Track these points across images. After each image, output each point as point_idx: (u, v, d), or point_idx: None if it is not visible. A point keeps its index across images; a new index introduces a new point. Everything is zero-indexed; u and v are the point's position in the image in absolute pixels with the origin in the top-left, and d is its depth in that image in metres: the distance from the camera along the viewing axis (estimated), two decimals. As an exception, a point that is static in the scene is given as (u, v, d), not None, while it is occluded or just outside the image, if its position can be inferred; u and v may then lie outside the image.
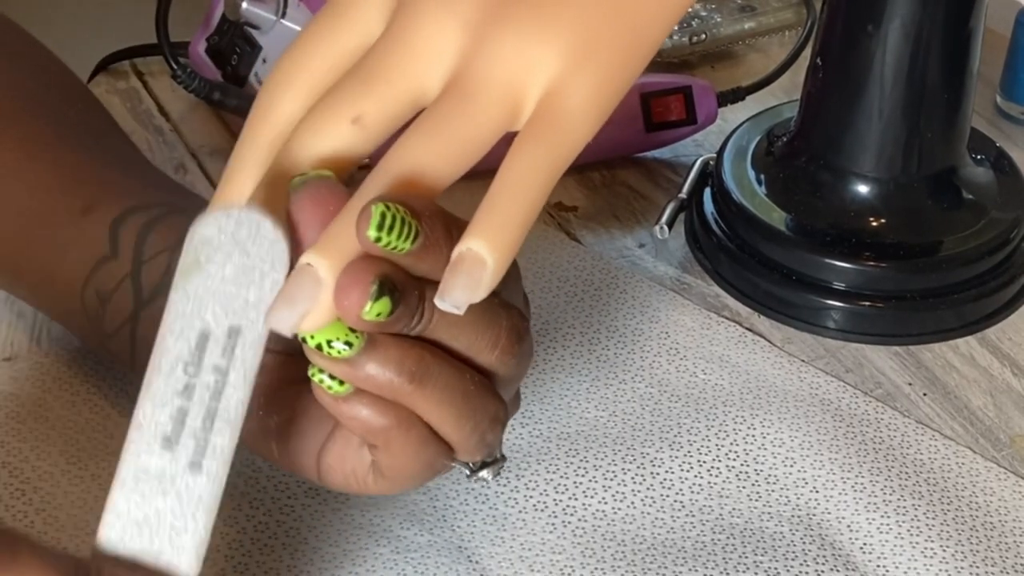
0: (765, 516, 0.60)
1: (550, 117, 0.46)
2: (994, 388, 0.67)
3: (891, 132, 0.70)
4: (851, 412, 0.64)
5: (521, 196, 0.45)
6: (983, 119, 0.83)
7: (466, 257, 0.44)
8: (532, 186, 0.45)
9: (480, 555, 0.57)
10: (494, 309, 0.48)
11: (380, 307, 0.44)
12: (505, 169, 0.45)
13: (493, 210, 0.45)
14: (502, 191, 0.45)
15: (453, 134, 0.46)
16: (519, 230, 0.45)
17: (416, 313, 0.46)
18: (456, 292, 0.44)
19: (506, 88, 0.46)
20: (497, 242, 0.44)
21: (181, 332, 0.44)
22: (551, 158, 0.46)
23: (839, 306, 0.69)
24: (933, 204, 0.72)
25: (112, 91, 0.85)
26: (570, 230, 0.75)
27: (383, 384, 0.47)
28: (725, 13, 0.89)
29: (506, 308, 0.49)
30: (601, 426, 0.63)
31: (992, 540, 0.59)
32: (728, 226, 0.73)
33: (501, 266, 0.45)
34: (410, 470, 0.50)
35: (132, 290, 0.58)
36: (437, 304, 0.45)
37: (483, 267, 0.44)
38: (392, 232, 0.44)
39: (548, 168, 0.46)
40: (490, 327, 0.48)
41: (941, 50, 0.69)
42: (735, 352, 0.67)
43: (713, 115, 0.80)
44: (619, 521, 0.59)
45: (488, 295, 0.45)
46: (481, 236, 0.44)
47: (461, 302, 0.44)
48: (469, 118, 0.46)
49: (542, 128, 0.46)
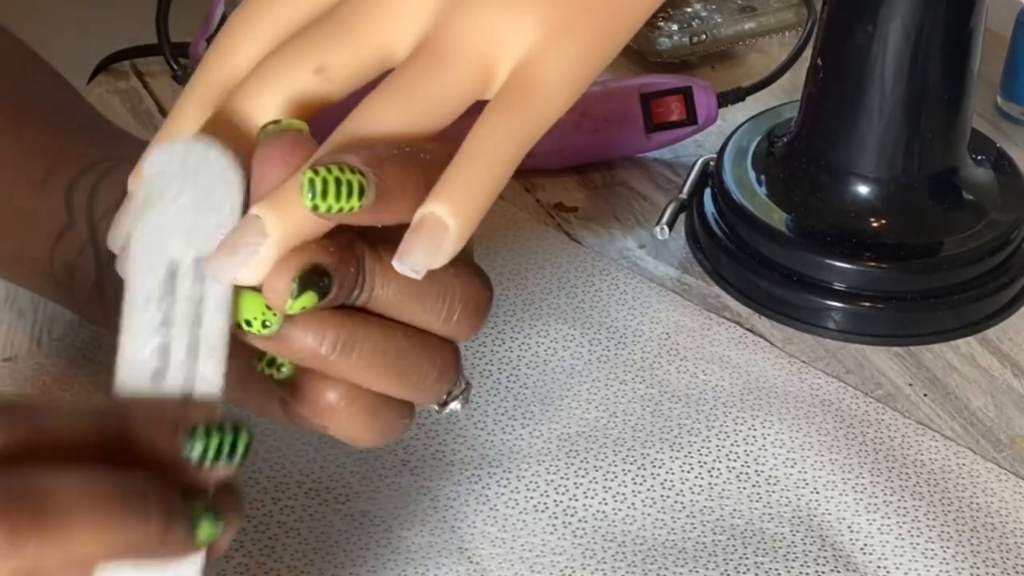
0: (765, 517, 0.59)
1: (523, 88, 0.46)
2: (994, 389, 0.67)
3: (891, 132, 0.70)
4: (851, 413, 0.64)
5: (488, 163, 0.44)
6: (984, 119, 0.83)
7: (428, 220, 0.44)
8: (500, 154, 0.45)
9: (480, 556, 0.57)
10: (446, 281, 0.47)
11: (304, 301, 0.44)
12: (473, 136, 0.45)
13: (459, 176, 0.44)
14: (469, 157, 0.44)
15: (421, 95, 0.45)
16: (484, 197, 0.44)
17: (354, 290, 0.45)
18: (416, 255, 0.44)
19: (479, 54, 0.45)
20: (461, 207, 0.44)
21: (149, 267, 0.44)
22: (521, 128, 0.45)
23: (839, 307, 0.69)
24: (933, 205, 0.72)
25: (112, 91, 0.85)
26: (570, 231, 0.75)
27: (306, 358, 0.46)
28: (725, 14, 0.89)
29: (460, 278, 0.47)
30: (601, 427, 0.63)
31: (992, 541, 0.59)
32: (728, 227, 0.73)
33: (464, 232, 0.44)
34: (369, 437, 0.49)
35: (93, 254, 0.58)
36: (395, 266, 0.44)
37: (444, 231, 0.44)
38: (328, 196, 0.43)
39: (517, 138, 0.45)
40: (440, 299, 0.47)
41: (941, 50, 0.69)
42: (735, 353, 0.67)
43: (713, 115, 0.80)
44: (619, 522, 0.59)
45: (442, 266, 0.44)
46: (445, 200, 0.44)
47: (420, 266, 0.44)
48: (439, 81, 0.45)
49: (514, 98, 0.45)
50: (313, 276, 0.44)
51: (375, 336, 0.46)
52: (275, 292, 0.44)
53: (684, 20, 0.88)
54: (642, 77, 0.80)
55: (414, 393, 0.48)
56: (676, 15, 0.88)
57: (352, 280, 0.45)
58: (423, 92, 0.45)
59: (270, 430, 0.62)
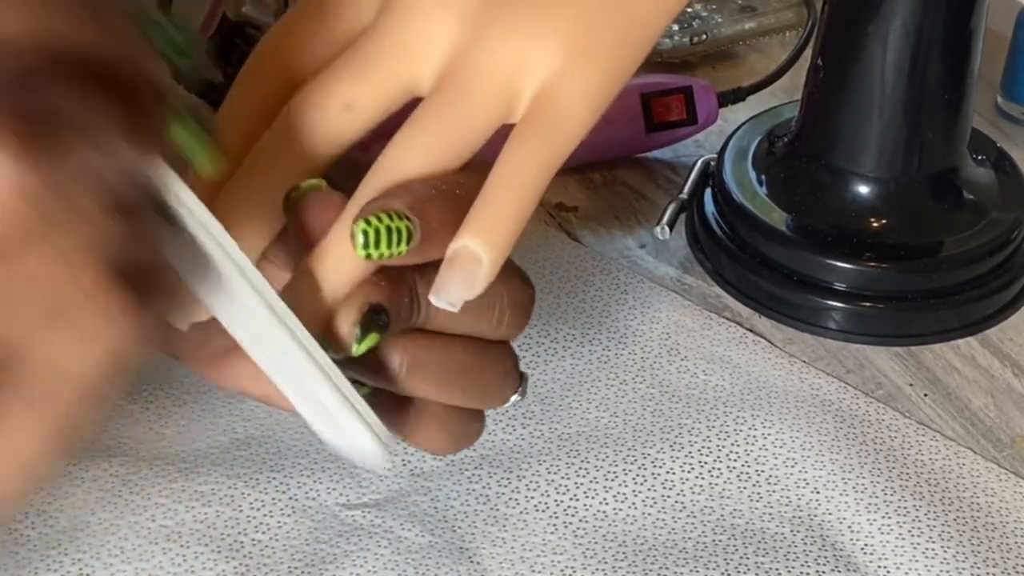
0: (766, 517, 0.59)
1: (546, 113, 0.46)
2: (995, 389, 0.67)
3: (892, 132, 0.70)
4: (852, 413, 0.64)
5: (516, 192, 0.45)
6: (984, 119, 0.83)
7: (461, 254, 0.44)
8: (527, 182, 0.45)
9: (481, 556, 0.57)
10: (493, 289, 0.47)
11: (368, 343, 0.45)
12: (500, 165, 0.45)
13: (488, 206, 0.45)
14: (497, 187, 0.45)
15: (448, 128, 0.46)
16: (514, 226, 0.45)
17: (411, 317, 0.47)
18: (451, 289, 0.44)
19: (502, 82, 0.46)
20: (492, 239, 0.44)
21: None
22: (546, 154, 0.46)
23: (840, 307, 0.69)
24: (934, 204, 0.72)
25: (112, 91, 0.85)
26: (571, 230, 0.75)
27: (375, 381, 0.47)
28: (726, 13, 0.89)
29: (505, 284, 0.48)
30: (602, 427, 0.63)
31: (993, 541, 0.59)
32: (729, 226, 0.73)
33: (496, 263, 0.45)
34: (445, 445, 0.50)
35: None
36: (432, 301, 0.45)
37: (478, 264, 0.44)
38: (380, 245, 0.44)
39: (543, 164, 0.46)
40: (490, 308, 0.48)
41: (941, 50, 0.69)
42: (736, 353, 0.67)
43: (714, 115, 0.80)
44: (620, 522, 0.59)
45: None
46: (476, 233, 0.44)
47: (456, 299, 0.45)
48: (464, 112, 0.46)
49: (537, 124, 0.46)
50: (372, 315, 0.45)
51: (437, 354, 0.48)
52: (340, 338, 0.45)
53: (684, 20, 0.88)
54: (642, 77, 0.80)
55: (480, 401, 0.50)
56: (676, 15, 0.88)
57: (408, 308, 0.46)
58: (450, 125, 0.46)
59: (270, 431, 0.62)
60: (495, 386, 0.50)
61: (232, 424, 0.62)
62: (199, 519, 0.58)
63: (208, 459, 0.60)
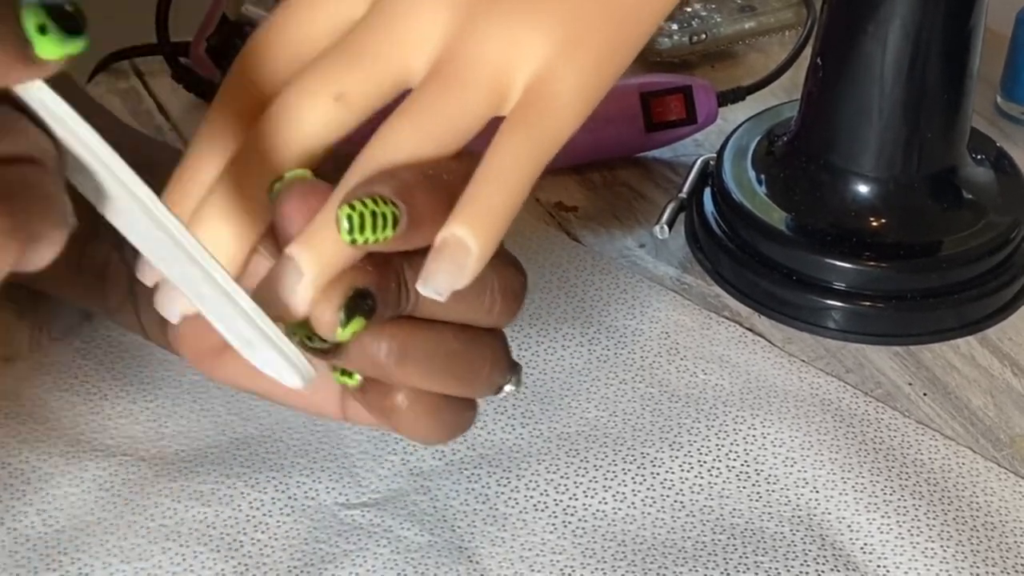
0: (765, 516, 0.59)
1: (537, 103, 0.46)
2: (994, 388, 0.67)
3: (891, 132, 0.70)
4: (851, 412, 0.64)
5: (507, 182, 0.45)
6: (983, 119, 0.83)
7: (449, 243, 0.44)
8: (518, 172, 0.45)
9: (480, 555, 0.57)
10: (484, 276, 0.47)
11: (353, 327, 0.45)
12: (491, 154, 0.45)
13: (478, 195, 0.44)
14: (488, 176, 0.45)
15: (439, 117, 0.45)
16: (505, 216, 0.45)
17: (399, 304, 0.46)
18: (439, 277, 0.44)
19: (493, 72, 0.46)
20: (482, 228, 0.44)
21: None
22: (538, 144, 0.46)
23: (839, 306, 0.69)
24: (933, 204, 0.72)
25: (112, 91, 0.85)
26: (570, 230, 0.75)
27: (364, 369, 0.47)
28: (725, 13, 0.89)
29: (496, 271, 0.48)
30: (601, 426, 0.63)
31: (992, 540, 0.59)
32: (728, 226, 0.73)
33: (486, 252, 0.44)
34: (436, 435, 0.50)
35: (121, 261, 0.58)
36: (419, 289, 0.44)
37: (467, 253, 0.44)
38: (365, 230, 0.44)
39: (534, 154, 0.45)
40: (480, 294, 0.48)
41: (941, 50, 0.69)
42: (735, 352, 0.67)
43: (713, 115, 0.80)
44: (619, 521, 0.59)
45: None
46: (465, 221, 0.44)
47: (443, 288, 0.44)
48: (455, 101, 0.46)
49: (529, 114, 0.46)
50: (357, 300, 0.45)
51: (426, 342, 0.47)
52: (324, 323, 0.45)
53: (684, 19, 0.88)
54: (642, 76, 0.80)
55: (471, 389, 0.50)
56: (676, 14, 0.88)
57: (395, 294, 0.46)
58: (441, 114, 0.46)
59: (270, 432, 0.62)
60: (486, 374, 0.49)
61: (232, 424, 0.62)
62: (198, 518, 0.58)
63: (208, 458, 0.60)
